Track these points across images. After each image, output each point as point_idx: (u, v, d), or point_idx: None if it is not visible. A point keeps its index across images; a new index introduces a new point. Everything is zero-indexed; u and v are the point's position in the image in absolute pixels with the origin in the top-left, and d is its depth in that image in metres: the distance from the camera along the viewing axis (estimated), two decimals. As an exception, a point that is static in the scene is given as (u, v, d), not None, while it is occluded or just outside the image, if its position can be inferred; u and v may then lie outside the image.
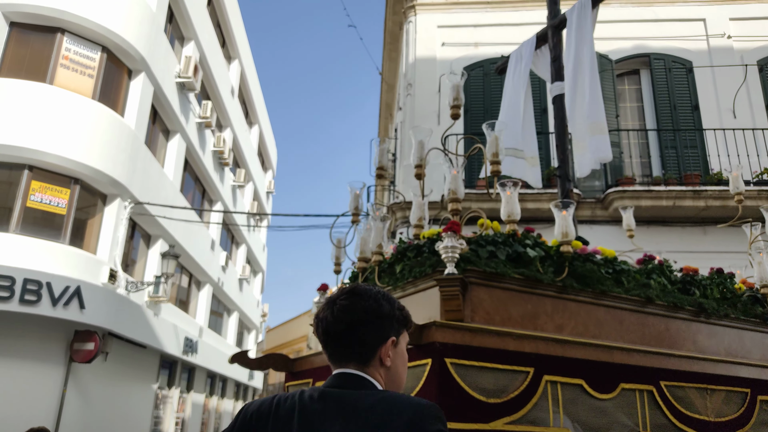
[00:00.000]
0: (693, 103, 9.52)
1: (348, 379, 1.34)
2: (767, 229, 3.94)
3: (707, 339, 3.29)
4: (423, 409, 1.23)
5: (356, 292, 1.40)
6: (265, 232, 27.13)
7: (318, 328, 1.41)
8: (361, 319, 1.35)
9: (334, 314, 1.37)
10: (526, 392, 2.37)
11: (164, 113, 13.90)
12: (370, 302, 1.38)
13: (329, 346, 1.39)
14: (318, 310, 1.42)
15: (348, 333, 1.36)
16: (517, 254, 2.80)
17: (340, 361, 1.38)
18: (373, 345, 1.36)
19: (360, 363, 1.36)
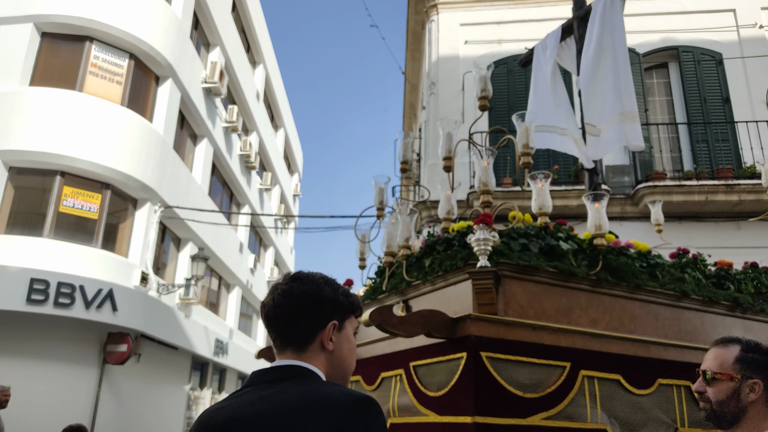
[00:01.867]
0: (724, 95, 9.31)
1: (282, 372, 1.30)
2: None
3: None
4: (358, 406, 1.17)
5: (297, 278, 1.38)
6: (293, 234, 27.31)
7: (261, 312, 1.38)
8: (299, 303, 1.33)
9: (274, 299, 1.34)
10: (563, 387, 2.33)
11: (191, 118, 14.09)
12: (310, 286, 1.35)
13: (271, 331, 1.36)
14: (267, 294, 1.40)
15: (287, 317, 1.33)
16: (550, 247, 2.76)
17: (281, 347, 1.34)
18: (313, 329, 1.33)
19: (298, 348, 1.32)
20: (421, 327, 2.28)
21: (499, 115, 9.18)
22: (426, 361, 2.49)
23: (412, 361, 2.55)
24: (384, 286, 3.15)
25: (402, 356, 2.61)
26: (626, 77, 4.21)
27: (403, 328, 2.25)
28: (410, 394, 2.51)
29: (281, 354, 1.35)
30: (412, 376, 2.53)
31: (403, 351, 2.61)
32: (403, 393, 2.55)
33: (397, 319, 2.23)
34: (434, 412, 2.36)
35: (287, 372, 1.29)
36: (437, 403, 2.35)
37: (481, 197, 2.81)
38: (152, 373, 12.29)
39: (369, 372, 2.79)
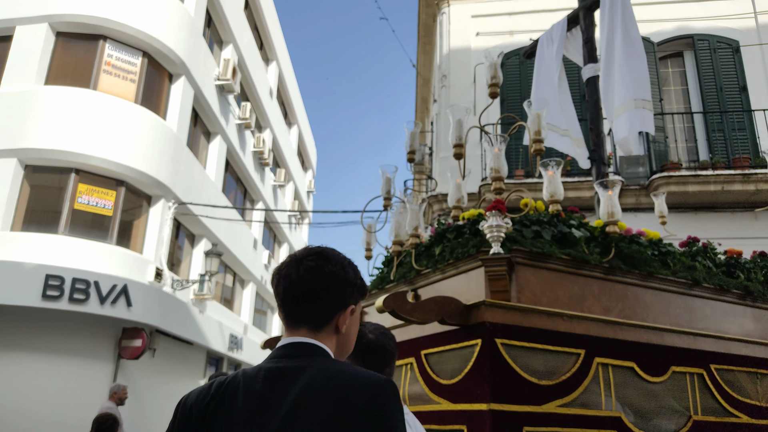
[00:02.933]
0: (741, 83, 9.16)
1: (297, 349, 1.28)
2: None
3: (753, 323, 3.21)
4: (380, 387, 1.18)
5: (324, 255, 1.35)
6: (307, 230, 27.38)
7: (279, 284, 1.33)
8: (326, 283, 1.31)
9: (300, 274, 1.31)
10: (578, 374, 2.31)
11: (205, 115, 14.15)
12: (337, 268, 1.33)
13: (287, 305, 1.32)
14: (281, 266, 1.35)
15: (311, 295, 1.30)
16: (562, 235, 2.72)
17: (294, 323, 1.32)
18: (333, 311, 1.32)
19: (314, 327, 1.30)
20: (435, 314, 2.25)
21: (512, 105, 9.11)
22: (438, 348, 2.47)
23: (423, 350, 2.54)
24: (392, 276, 3.13)
25: (413, 344, 2.59)
26: (640, 65, 4.15)
27: (417, 315, 2.23)
28: (422, 382, 2.50)
29: (294, 331, 1.32)
30: (423, 365, 2.52)
31: (414, 339, 2.59)
32: (414, 381, 2.54)
33: (411, 305, 2.21)
34: (447, 399, 2.34)
35: (303, 349, 1.28)
36: (450, 390, 2.34)
37: (494, 184, 2.78)
38: (167, 368, 12.39)
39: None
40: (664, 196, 4.38)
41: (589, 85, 4.48)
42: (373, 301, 3.48)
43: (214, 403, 1.24)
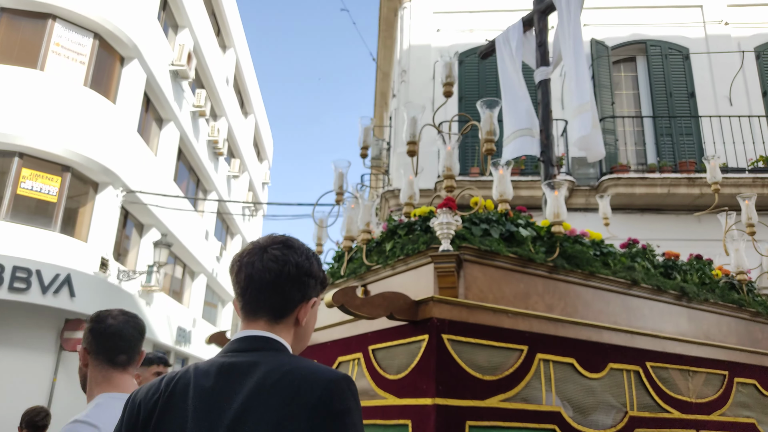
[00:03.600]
0: (689, 90, 9.48)
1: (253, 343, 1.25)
2: (743, 218, 3.97)
3: (687, 322, 3.35)
4: (335, 385, 1.15)
5: (290, 245, 1.32)
6: (261, 222, 27.08)
7: (240, 272, 1.29)
8: (291, 273, 1.27)
9: (264, 262, 1.27)
10: (520, 370, 2.34)
11: (157, 101, 13.80)
12: (302, 258, 1.31)
13: (248, 294, 1.28)
14: (243, 252, 1.31)
15: (274, 285, 1.27)
16: (510, 233, 2.76)
17: (253, 313, 1.28)
18: (296, 302, 1.29)
19: (274, 319, 1.27)
20: (384, 309, 2.25)
21: (470, 103, 9.20)
22: (386, 344, 2.47)
23: (371, 345, 2.53)
24: (342, 271, 3.12)
25: (360, 340, 2.58)
26: (582, 70, 4.27)
27: (366, 310, 2.22)
28: (368, 377, 2.49)
29: (251, 322, 1.28)
30: (370, 360, 2.51)
31: (361, 335, 2.58)
32: (361, 377, 2.53)
33: (360, 300, 2.20)
34: (393, 394, 2.35)
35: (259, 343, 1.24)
36: (396, 385, 2.34)
37: (445, 182, 2.79)
38: (113, 361, 12.06)
39: (325, 356, 2.76)
40: (608, 199, 4.52)
41: (541, 88, 4.56)
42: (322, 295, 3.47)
43: (164, 400, 1.20)
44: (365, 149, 3.19)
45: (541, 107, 4.51)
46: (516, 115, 4.63)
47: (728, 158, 8.80)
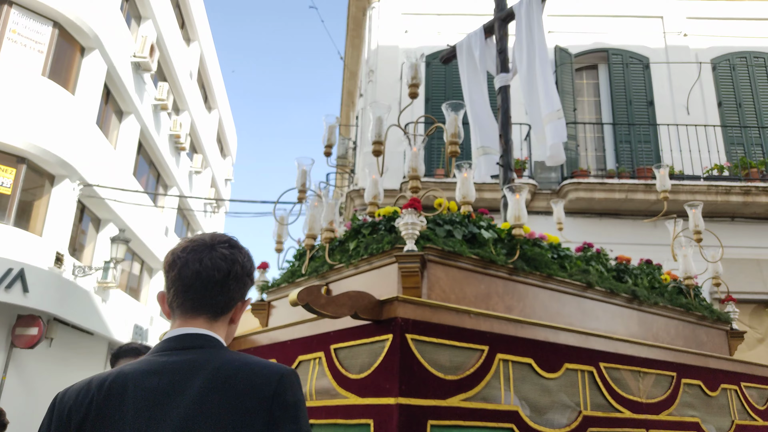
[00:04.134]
0: (648, 98, 9.74)
1: (194, 340, 1.24)
2: (690, 225, 4.13)
3: (638, 325, 3.47)
4: (286, 377, 1.20)
5: (235, 245, 1.34)
6: (223, 219, 26.71)
7: (185, 268, 1.27)
8: (237, 272, 1.29)
9: (213, 261, 1.27)
10: (481, 370, 2.38)
11: (118, 93, 13.48)
12: (246, 259, 1.34)
13: (191, 291, 1.26)
14: (185, 249, 1.29)
15: (221, 283, 1.27)
16: (472, 235, 2.81)
17: (193, 311, 1.27)
18: (235, 301, 1.32)
19: (213, 317, 1.28)
20: (349, 308, 2.25)
21: (435, 105, 9.26)
22: (348, 343, 2.48)
23: (333, 344, 2.53)
24: (303, 269, 3.11)
25: (322, 339, 2.58)
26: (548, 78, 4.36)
27: (330, 309, 2.22)
28: (330, 376, 2.49)
29: (189, 320, 1.27)
30: (332, 359, 2.51)
31: (323, 334, 2.58)
32: (322, 376, 2.53)
33: (325, 299, 2.20)
34: (355, 394, 2.35)
35: (199, 340, 1.24)
36: (359, 385, 2.35)
37: (410, 183, 2.82)
38: (65, 359, 11.74)
39: (286, 355, 2.74)
40: (562, 204, 4.64)
41: (501, 94, 4.63)
42: (283, 294, 3.44)
43: (99, 403, 1.16)
44: (329, 147, 3.19)
45: (501, 113, 4.58)
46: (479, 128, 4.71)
47: (684, 166, 9.08)
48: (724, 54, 9.98)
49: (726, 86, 9.79)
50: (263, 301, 3.61)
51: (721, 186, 8.54)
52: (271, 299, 3.58)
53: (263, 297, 3.62)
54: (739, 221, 8.98)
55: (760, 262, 8.80)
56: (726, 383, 3.60)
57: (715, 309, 4.17)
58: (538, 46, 4.46)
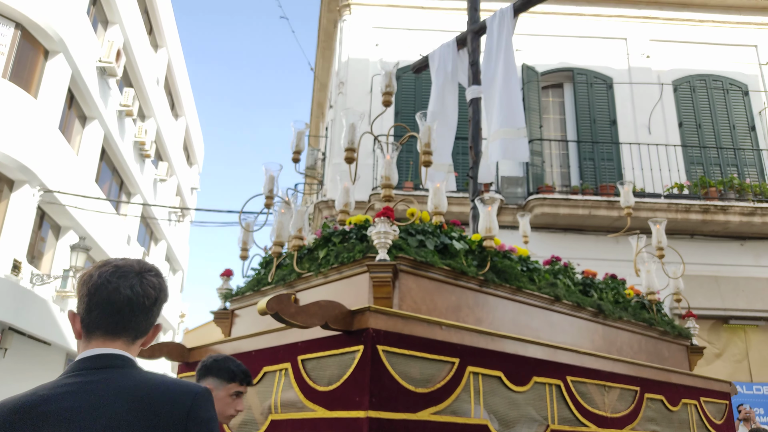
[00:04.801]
0: (611, 117, 9.97)
1: (110, 360, 1.27)
2: (653, 241, 4.21)
3: (603, 339, 3.51)
4: (201, 396, 1.27)
5: (160, 273, 1.41)
6: (188, 229, 26.27)
7: (114, 293, 1.29)
8: (161, 299, 1.37)
9: (143, 287, 1.32)
10: (451, 383, 2.36)
11: (81, 98, 13.18)
12: (166, 286, 1.41)
13: (118, 315, 1.29)
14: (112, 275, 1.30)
15: (148, 309, 1.34)
16: (444, 246, 2.80)
17: (114, 333, 1.29)
18: (152, 325, 1.38)
19: (131, 340, 1.32)
20: (319, 318, 2.22)
21: (406, 117, 9.32)
22: (317, 354, 2.43)
23: (300, 355, 2.48)
24: (270, 278, 3.05)
25: (290, 349, 2.53)
26: (516, 94, 4.42)
27: (301, 319, 2.18)
28: (297, 388, 2.44)
29: (108, 341, 1.29)
30: (299, 370, 2.46)
31: (291, 344, 2.53)
32: (288, 388, 2.48)
33: (295, 308, 2.15)
34: (323, 407, 2.31)
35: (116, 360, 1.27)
36: (327, 397, 2.30)
37: (383, 191, 2.80)
38: (20, 370, 11.32)
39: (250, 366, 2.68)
40: (528, 218, 4.70)
41: (472, 106, 4.68)
42: (248, 302, 3.38)
43: (11, 426, 1.14)
44: (297, 153, 3.15)
45: (471, 125, 4.62)
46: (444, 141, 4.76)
47: (645, 184, 9.30)
48: (685, 76, 10.30)
49: (686, 107, 10.09)
50: (226, 309, 3.53)
51: (681, 204, 8.77)
52: (235, 308, 3.50)
53: (226, 305, 3.54)
54: (699, 239, 9.23)
55: (718, 279, 9.04)
56: (687, 398, 3.67)
57: (676, 324, 4.25)
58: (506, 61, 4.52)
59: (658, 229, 4.22)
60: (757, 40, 10.66)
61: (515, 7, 4.68)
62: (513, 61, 4.58)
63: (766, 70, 10.44)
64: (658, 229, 4.22)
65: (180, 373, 3.24)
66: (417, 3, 10.67)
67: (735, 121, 10.04)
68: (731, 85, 10.30)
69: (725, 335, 9.08)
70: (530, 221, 8.80)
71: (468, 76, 4.79)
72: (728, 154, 9.77)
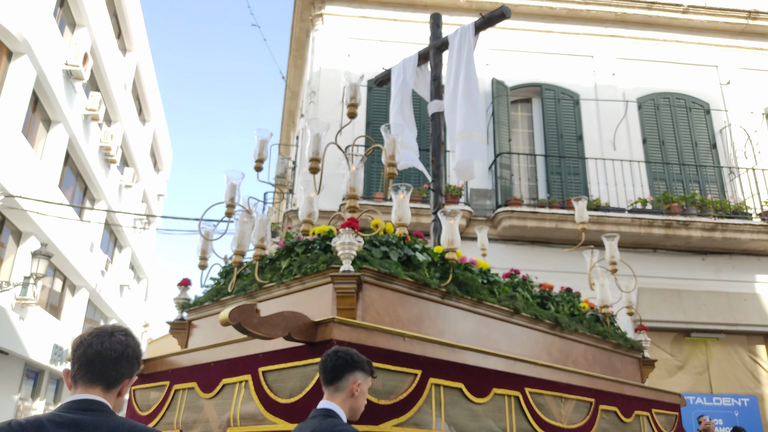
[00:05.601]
0: (578, 133, 10.15)
1: (92, 404, 1.53)
2: (606, 256, 4.29)
3: (559, 351, 3.56)
4: None
5: (130, 334, 1.66)
6: (154, 236, 25.83)
7: (90, 348, 1.57)
8: (129, 355, 1.61)
9: (112, 344, 1.59)
10: (414, 394, 2.35)
11: (46, 101, 12.89)
12: (136, 345, 1.65)
13: (92, 366, 1.56)
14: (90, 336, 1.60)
15: (116, 362, 1.58)
16: (407, 257, 2.80)
17: (92, 382, 1.56)
18: (124, 378, 1.62)
19: (107, 388, 1.57)
20: (283, 329, 2.19)
21: (376, 129, 9.32)
22: (279, 366, 2.41)
23: (262, 366, 2.45)
24: (230, 288, 3.01)
25: (250, 361, 2.49)
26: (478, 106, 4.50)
27: (264, 330, 2.16)
28: (257, 401, 2.41)
29: (90, 389, 1.56)
30: (260, 383, 2.43)
31: (251, 356, 2.50)
32: (248, 400, 2.44)
33: (258, 319, 2.12)
34: (284, 419, 2.28)
35: (96, 405, 1.53)
36: (289, 410, 2.27)
37: (348, 202, 2.79)
38: (-26, 380, 10.94)
39: (208, 378, 2.63)
40: (486, 230, 4.76)
41: (434, 120, 4.72)
42: (206, 312, 3.32)
43: None
44: (260, 162, 3.13)
45: (433, 139, 4.66)
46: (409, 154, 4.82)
47: (610, 198, 9.48)
48: (649, 94, 10.56)
49: (650, 124, 10.34)
50: (183, 320, 3.46)
51: (644, 219, 8.96)
52: (192, 318, 3.44)
53: (183, 316, 3.48)
54: (661, 253, 9.43)
55: (681, 293, 9.24)
56: (639, 410, 3.73)
57: (629, 337, 4.34)
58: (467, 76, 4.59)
59: (611, 245, 4.31)
60: (718, 60, 11.00)
61: (476, 25, 4.76)
62: (475, 76, 4.65)
63: (727, 90, 10.77)
64: (611, 244, 4.30)
65: (134, 384, 3.17)
66: (389, 16, 10.74)
67: (697, 139, 10.32)
68: (694, 103, 10.59)
69: (687, 348, 9.27)
70: (498, 234, 8.96)
71: (430, 90, 4.84)
72: (690, 171, 10.02)
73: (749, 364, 9.31)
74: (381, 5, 10.77)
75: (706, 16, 10.97)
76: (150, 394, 3.07)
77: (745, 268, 9.52)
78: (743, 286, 9.44)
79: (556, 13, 10.84)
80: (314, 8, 10.82)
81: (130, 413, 3.13)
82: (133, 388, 3.18)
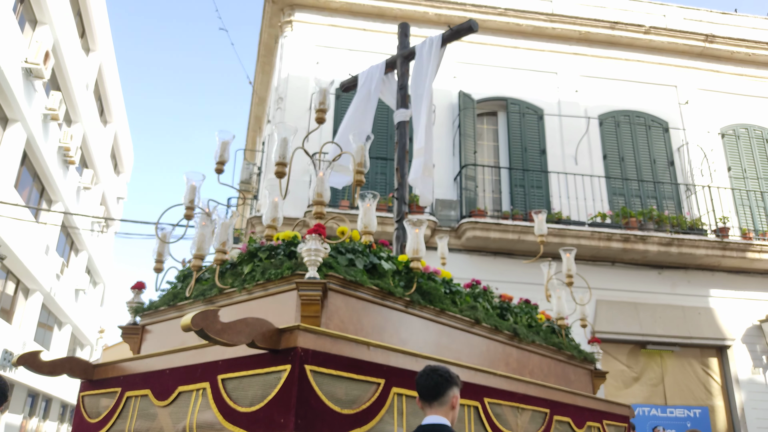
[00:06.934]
0: (542, 147, 10.33)
1: None
2: (563, 268, 4.37)
3: (517, 362, 3.61)
4: None
5: None
6: (113, 240, 25.22)
7: None
8: None
9: None
10: (376, 404, 2.33)
11: (4, 99, 12.51)
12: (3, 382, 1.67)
13: None
14: None
15: None
16: (373, 265, 2.79)
17: None
18: None
19: None
20: (246, 335, 2.14)
21: (342, 138, 9.30)
22: (239, 373, 2.35)
23: (221, 374, 2.40)
24: (188, 292, 2.94)
25: (208, 368, 2.44)
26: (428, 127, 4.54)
27: (227, 336, 2.10)
28: (215, 409, 2.35)
29: None
30: (219, 391, 2.37)
31: (210, 363, 2.44)
32: (205, 409, 2.38)
33: (222, 325, 2.07)
34: (243, 428, 2.23)
35: None
36: (249, 419, 2.23)
37: (315, 208, 2.76)
38: None
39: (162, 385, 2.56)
40: (446, 240, 4.80)
41: (399, 129, 4.73)
42: (161, 317, 3.24)
43: None
44: (221, 164, 3.07)
45: (398, 147, 4.68)
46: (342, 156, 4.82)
47: (571, 212, 9.66)
48: (611, 111, 10.83)
49: (611, 141, 10.59)
50: (136, 324, 3.37)
51: (603, 233, 9.15)
52: (146, 323, 3.34)
53: (136, 320, 3.38)
54: (619, 266, 9.63)
55: (637, 305, 9.45)
56: (591, 421, 3.79)
57: (582, 349, 4.42)
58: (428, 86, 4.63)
59: (568, 258, 4.39)
60: (677, 80, 11.35)
61: (444, 37, 4.80)
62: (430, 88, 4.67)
63: (685, 110, 11.12)
64: (568, 257, 4.38)
65: (83, 391, 3.06)
66: (359, 25, 10.77)
67: (655, 156, 10.61)
68: (653, 121, 10.89)
69: (643, 360, 9.47)
70: (462, 244, 9.02)
71: (396, 99, 4.86)
72: (648, 187, 10.29)
73: (702, 376, 9.56)
74: (351, 14, 10.80)
75: (667, 38, 11.32)
76: (100, 400, 2.97)
77: (700, 282, 9.81)
78: (698, 300, 9.72)
79: (522, 30, 11.04)
80: (284, 15, 10.77)
81: (78, 420, 3.02)
82: (81, 394, 3.07)
